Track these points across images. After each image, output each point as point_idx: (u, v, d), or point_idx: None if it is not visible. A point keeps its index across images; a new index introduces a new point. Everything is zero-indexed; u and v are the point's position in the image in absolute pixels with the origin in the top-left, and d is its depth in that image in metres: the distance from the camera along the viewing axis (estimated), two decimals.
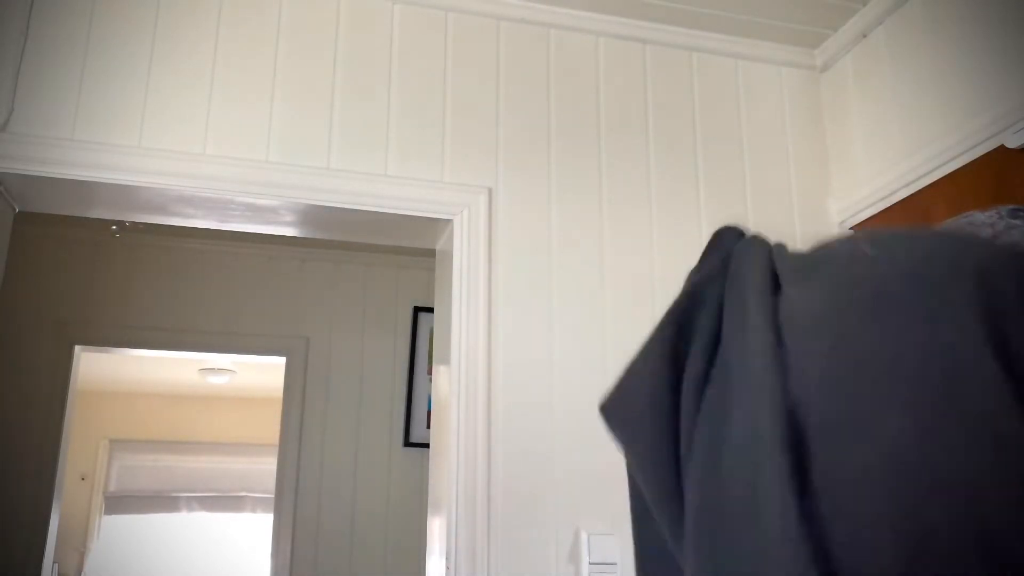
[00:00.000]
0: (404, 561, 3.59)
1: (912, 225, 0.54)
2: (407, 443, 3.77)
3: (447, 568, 1.95)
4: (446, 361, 2.10)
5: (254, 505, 6.79)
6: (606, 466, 1.94)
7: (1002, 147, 1.85)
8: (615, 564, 1.95)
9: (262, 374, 5.56)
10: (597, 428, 1.98)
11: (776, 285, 0.46)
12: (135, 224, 3.33)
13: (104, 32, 2.02)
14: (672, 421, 0.46)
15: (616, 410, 0.53)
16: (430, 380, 3.59)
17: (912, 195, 2.13)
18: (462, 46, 2.26)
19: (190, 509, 6.76)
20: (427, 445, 2.68)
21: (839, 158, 2.43)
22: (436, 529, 2.09)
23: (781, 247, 0.50)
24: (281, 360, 3.83)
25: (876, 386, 0.39)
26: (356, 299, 3.89)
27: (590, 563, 1.94)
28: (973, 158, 1.94)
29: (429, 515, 2.17)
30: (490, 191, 2.16)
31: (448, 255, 2.16)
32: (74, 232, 3.58)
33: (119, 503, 6.57)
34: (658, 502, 0.46)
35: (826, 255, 0.47)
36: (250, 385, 6.18)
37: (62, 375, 3.49)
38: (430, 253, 2.39)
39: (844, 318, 0.41)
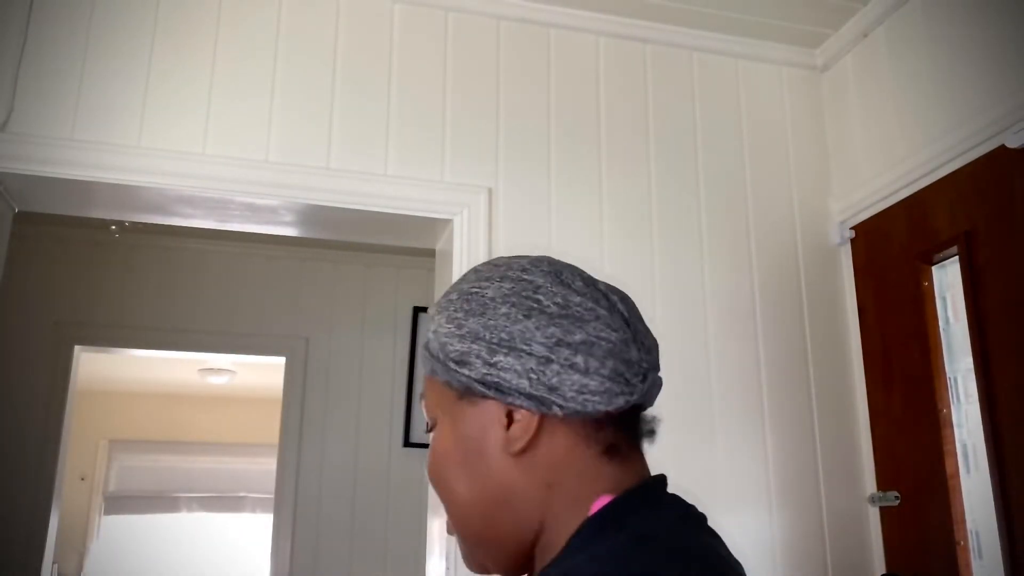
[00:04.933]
0: (404, 561, 3.59)
1: None
2: (407, 443, 3.77)
3: (447, 568, 1.95)
4: None
5: (254, 505, 6.78)
6: None
7: (1002, 147, 1.85)
8: None
9: (262, 374, 5.55)
10: None
11: None
12: (135, 224, 3.32)
13: (104, 32, 2.01)
14: None
15: None
16: None
17: (912, 195, 2.12)
18: (462, 46, 2.26)
19: (190, 509, 6.75)
20: (427, 445, 2.68)
21: (839, 158, 2.43)
22: (436, 529, 2.08)
23: None
24: (281, 360, 3.82)
25: None
26: (356, 299, 3.89)
27: None
28: (973, 158, 1.94)
29: (429, 515, 2.17)
30: (490, 191, 2.16)
31: (448, 255, 2.16)
32: (74, 232, 3.58)
33: (119, 503, 6.57)
34: None
35: None
36: (250, 385, 6.17)
37: (62, 375, 3.49)
38: (430, 253, 2.38)
39: None
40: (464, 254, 2.09)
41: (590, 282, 0.77)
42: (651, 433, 0.82)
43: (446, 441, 0.76)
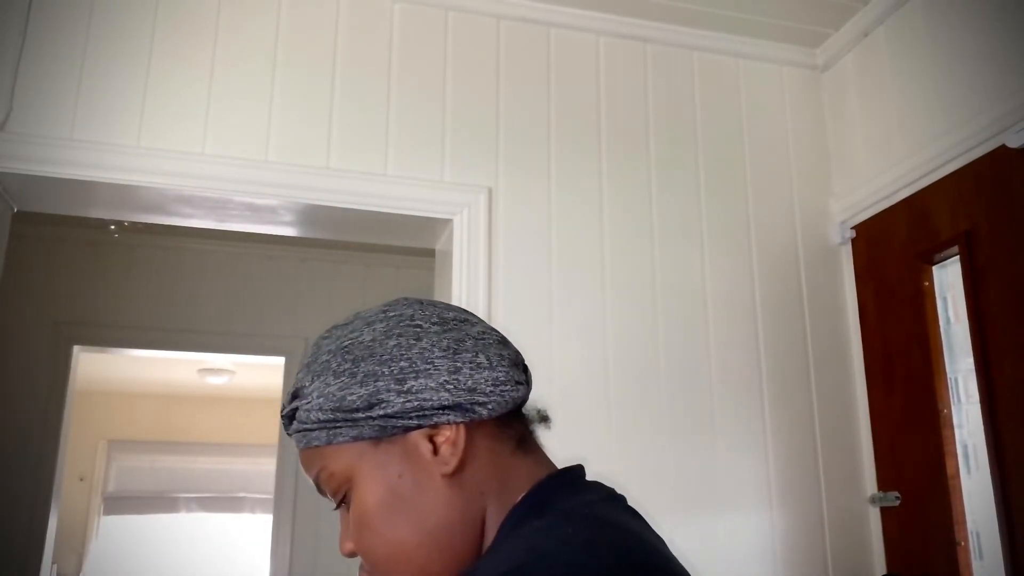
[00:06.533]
0: None
1: None
2: None
3: None
4: None
5: (253, 506, 6.78)
6: (604, 467, 1.93)
7: (1003, 147, 1.85)
8: None
9: (261, 374, 5.55)
10: (596, 428, 1.98)
11: None
12: (134, 224, 3.32)
13: (103, 31, 2.01)
14: None
15: None
16: None
17: (913, 195, 2.12)
18: (462, 46, 2.25)
19: (189, 510, 6.75)
20: None
21: (840, 157, 2.43)
22: None
23: None
24: (280, 360, 3.82)
25: None
26: (356, 299, 3.88)
27: None
28: (974, 158, 1.93)
29: None
30: (490, 191, 2.16)
31: (448, 255, 2.16)
32: (74, 232, 3.57)
33: (118, 504, 6.56)
34: None
35: None
36: (249, 385, 6.17)
37: (61, 375, 3.48)
38: (430, 253, 2.38)
39: None
40: (464, 254, 2.09)
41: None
42: (545, 420, 0.83)
43: (373, 496, 0.72)
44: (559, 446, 0.82)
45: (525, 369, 0.79)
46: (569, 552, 0.61)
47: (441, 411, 0.71)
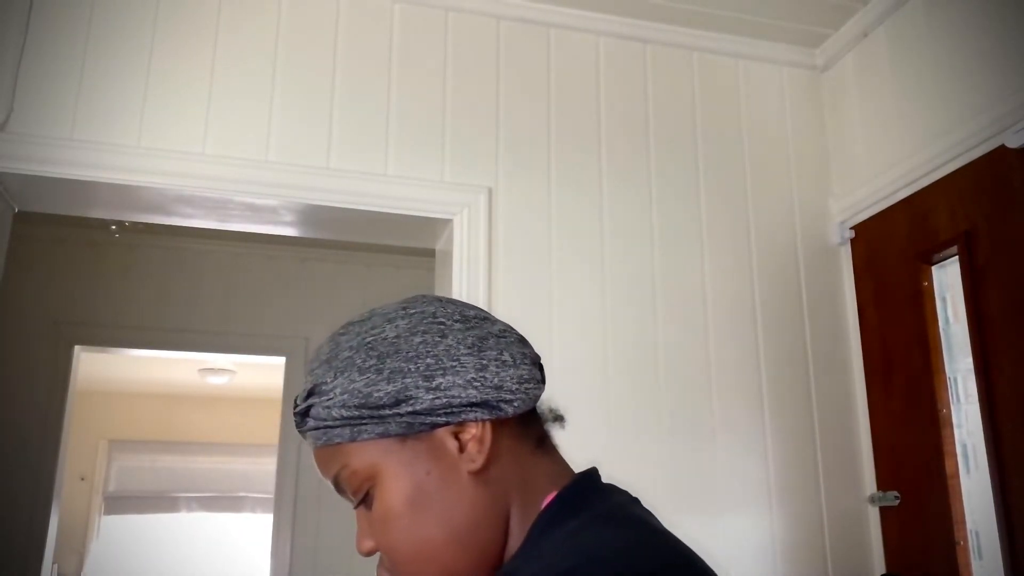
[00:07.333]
0: None
1: None
2: None
3: None
4: None
5: (254, 505, 6.78)
6: (604, 468, 1.93)
7: (1002, 147, 1.85)
8: None
9: (262, 374, 5.55)
10: (596, 428, 1.98)
11: None
12: (134, 224, 3.33)
13: (104, 32, 2.01)
14: None
15: None
16: None
17: (912, 195, 2.12)
18: (462, 46, 2.25)
19: (190, 509, 6.75)
20: None
21: (839, 158, 2.43)
22: None
23: None
24: (281, 360, 3.82)
25: None
26: (356, 299, 3.88)
27: None
28: (973, 158, 1.94)
29: None
30: (490, 191, 2.16)
31: (448, 255, 2.16)
32: (73, 232, 3.57)
33: (118, 503, 6.57)
34: None
35: None
36: (250, 385, 6.17)
37: (61, 375, 3.49)
38: (430, 253, 2.38)
39: None
40: (464, 254, 2.09)
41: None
42: (559, 419, 0.83)
43: (401, 494, 0.71)
44: (559, 446, 0.83)
45: (541, 368, 0.79)
46: (619, 554, 0.62)
47: (468, 408, 0.71)
